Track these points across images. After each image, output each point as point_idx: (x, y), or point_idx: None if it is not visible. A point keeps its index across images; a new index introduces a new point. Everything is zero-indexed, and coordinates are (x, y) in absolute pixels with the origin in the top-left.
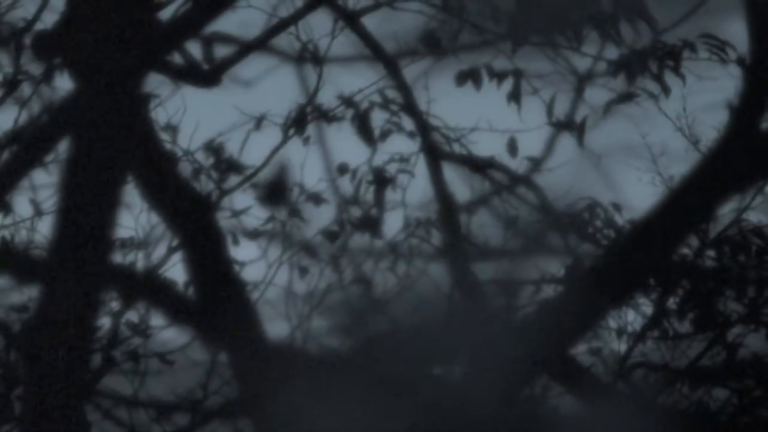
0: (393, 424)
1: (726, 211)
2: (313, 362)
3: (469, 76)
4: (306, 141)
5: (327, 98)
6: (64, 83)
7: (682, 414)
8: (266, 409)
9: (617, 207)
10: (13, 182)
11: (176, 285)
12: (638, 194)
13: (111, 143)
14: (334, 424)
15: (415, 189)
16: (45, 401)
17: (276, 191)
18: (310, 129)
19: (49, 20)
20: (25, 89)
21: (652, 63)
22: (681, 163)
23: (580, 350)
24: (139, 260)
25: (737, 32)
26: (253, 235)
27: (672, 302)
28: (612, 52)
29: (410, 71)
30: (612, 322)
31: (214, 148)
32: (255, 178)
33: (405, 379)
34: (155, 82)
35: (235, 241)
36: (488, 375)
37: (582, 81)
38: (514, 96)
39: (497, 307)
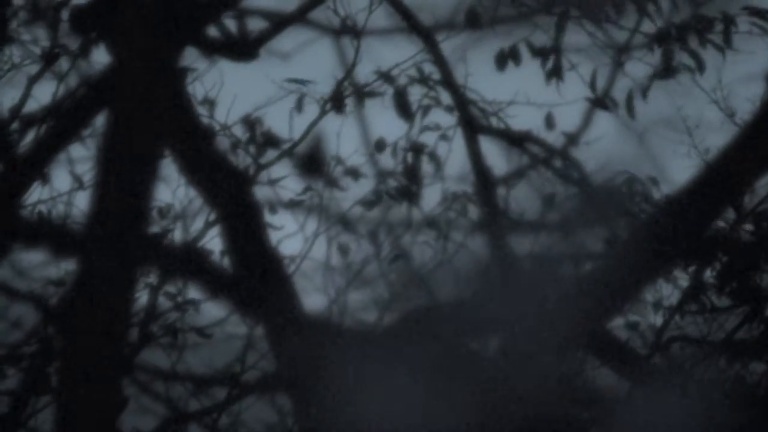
0: (430, 399)
1: (763, 183)
2: (350, 336)
3: (510, 56)
4: (343, 110)
5: (364, 72)
6: (100, 57)
7: (719, 387)
8: (303, 383)
9: (654, 180)
10: (50, 156)
11: (212, 254)
12: (674, 167)
13: (148, 117)
14: (371, 399)
15: (453, 163)
16: (82, 375)
17: (313, 163)
18: (348, 102)
19: None
20: (63, 63)
21: (691, 37)
22: (717, 136)
23: (617, 324)
24: (176, 230)
25: None
26: (291, 204)
27: (709, 276)
28: (650, 25)
29: (448, 45)
30: (649, 296)
31: (251, 122)
32: (292, 151)
33: (442, 353)
34: (192, 56)
35: (273, 210)
36: (526, 349)
37: (620, 54)
38: (555, 72)
39: (535, 281)
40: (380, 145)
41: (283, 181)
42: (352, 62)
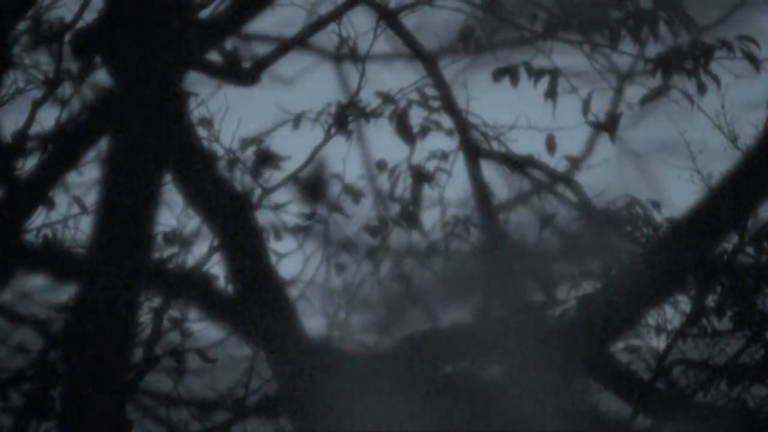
0: (431, 422)
1: (765, 208)
2: (352, 359)
3: (506, 72)
4: (348, 136)
5: (366, 96)
6: (103, 81)
7: (721, 411)
8: (305, 405)
9: (656, 205)
10: (53, 180)
11: (217, 279)
12: (677, 192)
13: (150, 141)
14: (372, 422)
15: (454, 187)
16: (85, 400)
17: (315, 188)
18: (352, 125)
19: (89, 19)
20: (66, 88)
21: (688, 62)
22: (720, 161)
23: (619, 348)
24: (181, 256)
25: None
26: (296, 230)
27: (711, 299)
28: (650, 51)
29: (449, 69)
30: (651, 320)
31: (258, 151)
32: (296, 176)
33: (443, 376)
34: (196, 81)
35: (278, 236)
36: (527, 373)
37: (621, 79)
38: (551, 94)
39: (536, 305)
40: (381, 166)
41: (287, 205)
42: (357, 86)
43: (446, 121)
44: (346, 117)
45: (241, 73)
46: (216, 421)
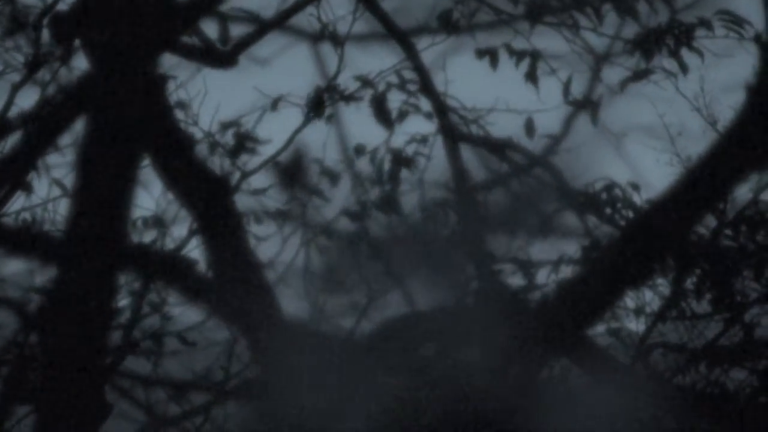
0: (409, 405)
1: (743, 190)
2: (330, 342)
3: (488, 53)
4: (328, 120)
5: (344, 79)
6: (81, 64)
7: (700, 394)
8: (284, 388)
9: (635, 187)
10: (29, 164)
11: (196, 264)
12: (656, 174)
13: (127, 124)
14: (350, 405)
15: (433, 170)
16: (64, 383)
17: (294, 174)
18: (329, 109)
19: (68, 2)
20: (46, 72)
21: (669, 40)
22: (698, 143)
23: (597, 331)
24: (159, 240)
25: (754, 11)
26: (276, 215)
27: (689, 282)
28: (629, 32)
29: (428, 52)
30: (630, 303)
31: (235, 132)
32: (275, 160)
33: (421, 360)
34: (174, 63)
35: (258, 220)
36: (506, 356)
37: (599, 60)
38: (531, 76)
39: (514, 288)
40: (359, 150)
41: (267, 190)
42: (336, 70)
43: (425, 104)
44: (323, 100)
45: (219, 55)
46: (195, 403)
